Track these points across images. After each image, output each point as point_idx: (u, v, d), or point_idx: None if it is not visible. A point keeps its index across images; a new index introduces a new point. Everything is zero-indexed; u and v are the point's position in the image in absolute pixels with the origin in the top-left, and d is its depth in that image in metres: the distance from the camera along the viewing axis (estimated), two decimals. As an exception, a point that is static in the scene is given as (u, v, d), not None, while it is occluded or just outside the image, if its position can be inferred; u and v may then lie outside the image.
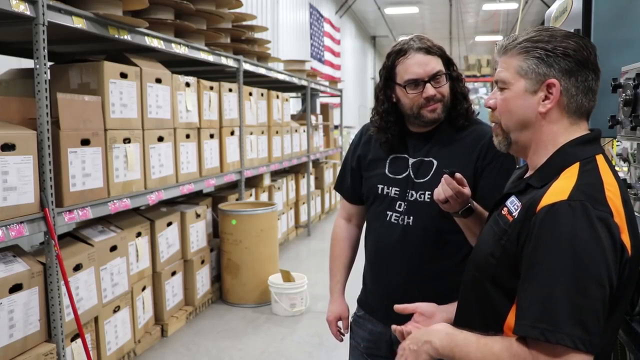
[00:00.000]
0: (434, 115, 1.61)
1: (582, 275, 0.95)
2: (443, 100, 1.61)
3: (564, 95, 1.09)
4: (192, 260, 4.06)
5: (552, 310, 0.94)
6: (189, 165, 3.85)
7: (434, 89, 1.58)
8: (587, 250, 0.95)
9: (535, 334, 0.95)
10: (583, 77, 1.08)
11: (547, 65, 1.08)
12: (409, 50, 1.59)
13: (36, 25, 2.37)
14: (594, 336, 0.94)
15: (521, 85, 1.11)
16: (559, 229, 0.97)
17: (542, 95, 1.10)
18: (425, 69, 1.57)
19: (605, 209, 0.99)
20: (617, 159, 2.99)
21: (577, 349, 0.93)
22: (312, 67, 10.06)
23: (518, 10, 10.14)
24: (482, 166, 1.58)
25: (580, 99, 1.09)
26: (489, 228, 1.19)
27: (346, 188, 1.86)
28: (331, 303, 1.88)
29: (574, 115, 1.11)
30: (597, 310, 0.95)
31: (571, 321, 0.93)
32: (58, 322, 2.52)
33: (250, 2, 7.79)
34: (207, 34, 4.08)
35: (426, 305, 1.37)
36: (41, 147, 2.43)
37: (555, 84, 1.08)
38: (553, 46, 1.08)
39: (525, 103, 1.11)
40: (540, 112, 1.10)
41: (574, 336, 0.93)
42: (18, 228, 2.29)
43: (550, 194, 1.02)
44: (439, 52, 1.61)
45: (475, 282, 1.18)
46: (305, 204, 7.07)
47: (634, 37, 2.01)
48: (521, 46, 1.11)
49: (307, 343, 3.67)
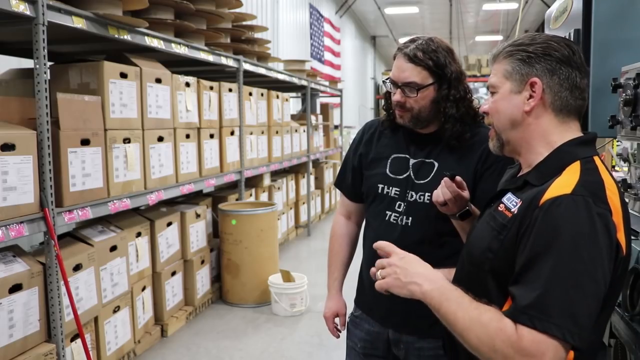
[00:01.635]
0: (402, 121, 1.62)
1: (578, 268, 0.96)
2: (412, 112, 1.58)
3: (548, 92, 1.12)
4: (192, 260, 4.06)
5: (545, 300, 0.96)
6: (189, 165, 3.85)
7: (403, 96, 1.57)
8: (586, 245, 0.97)
9: (524, 320, 0.96)
10: (565, 75, 1.12)
11: (528, 65, 1.13)
12: (398, 51, 1.59)
13: (36, 25, 2.37)
14: (583, 330, 0.96)
15: (507, 87, 1.16)
16: (560, 222, 0.99)
17: (526, 95, 1.14)
18: (399, 75, 1.56)
19: (605, 207, 1.01)
20: (617, 159, 2.99)
21: (565, 339, 0.94)
22: (312, 67, 10.06)
23: (518, 10, 10.14)
24: (482, 170, 1.58)
25: (565, 96, 1.12)
26: (484, 224, 1.20)
27: (346, 185, 1.86)
28: (328, 300, 1.88)
29: (561, 113, 1.13)
30: (590, 305, 0.97)
31: (563, 312, 0.95)
32: (58, 322, 2.52)
33: (250, 2, 7.79)
34: (207, 34, 4.08)
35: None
36: (41, 147, 2.42)
37: (537, 82, 1.12)
38: (534, 48, 1.13)
39: (512, 103, 1.16)
40: (526, 110, 1.14)
41: (563, 327, 0.94)
42: (18, 228, 2.29)
43: (553, 188, 1.04)
44: (425, 63, 1.53)
45: (470, 278, 1.18)
46: (305, 204, 7.07)
47: (634, 37, 2.01)
48: (506, 51, 1.17)
49: (307, 343, 3.67)
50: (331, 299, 1.87)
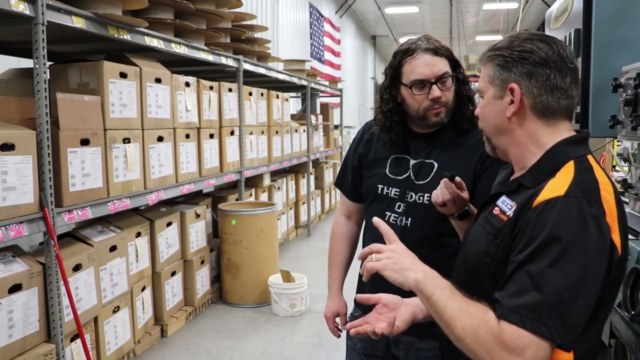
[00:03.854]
0: (438, 119, 1.60)
1: (571, 270, 0.96)
2: (447, 105, 1.60)
3: (527, 97, 1.11)
4: (191, 261, 4.06)
5: (536, 300, 0.95)
6: (189, 165, 3.85)
7: (440, 91, 1.57)
8: (579, 247, 0.96)
9: (514, 319, 0.96)
10: (544, 77, 1.10)
11: (506, 70, 1.12)
12: (417, 50, 1.57)
13: (36, 25, 2.37)
14: (572, 332, 0.95)
15: (491, 93, 1.16)
16: (553, 223, 0.98)
17: (508, 100, 1.13)
18: (432, 70, 1.56)
19: (599, 208, 1.00)
20: (618, 159, 2.99)
21: (552, 340, 0.94)
22: (312, 66, 10.06)
23: (518, 10, 10.14)
24: (482, 170, 1.58)
25: (546, 99, 1.10)
26: (479, 228, 1.19)
27: (347, 185, 1.86)
28: (329, 299, 1.87)
29: (545, 116, 1.12)
30: (580, 307, 0.96)
31: (553, 313, 0.94)
32: (57, 322, 2.52)
33: (250, 2, 7.79)
34: (207, 33, 4.08)
35: (390, 297, 1.34)
36: (40, 147, 2.42)
37: (515, 87, 1.11)
38: (510, 52, 1.12)
39: (495, 109, 1.15)
40: (507, 116, 1.13)
41: (552, 328, 0.94)
42: (17, 228, 2.29)
43: (547, 190, 1.03)
44: (446, 53, 1.60)
45: (466, 282, 1.18)
46: (305, 204, 7.07)
47: (634, 37, 2.01)
48: (487, 55, 1.17)
49: (307, 343, 3.67)
50: (332, 299, 1.87)
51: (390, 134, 1.67)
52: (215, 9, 4.12)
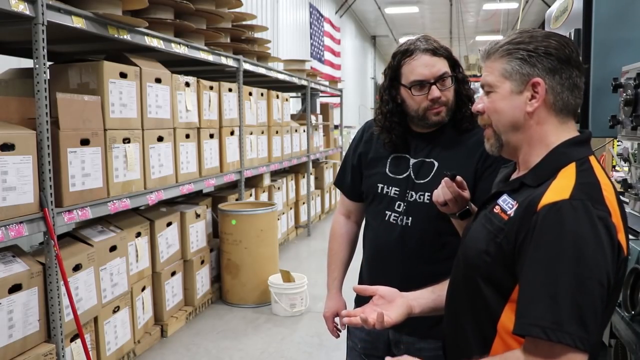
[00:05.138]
0: (438, 118, 1.60)
1: (584, 273, 0.95)
2: (447, 104, 1.60)
3: (550, 93, 1.10)
4: (191, 261, 4.06)
5: (555, 309, 0.94)
6: (189, 165, 3.85)
7: (440, 91, 1.57)
8: (589, 249, 0.96)
9: (537, 332, 0.95)
10: (567, 74, 1.10)
11: (530, 65, 1.10)
12: (416, 50, 1.58)
13: (36, 25, 2.37)
14: (592, 335, 0.95)
15: (507, 87, 1.13)
16: (562, 228, 0.98)
17: (528, 95, 1.11)
18: (432, 71, 1.56)
19: (604, 209, 1.00)
20: (618, 159, 2.99)
21: (576, 347, 0.93)
22: (312, 66, 10.06)
23: (518, 10, 10.14)
24: (482, 169, 1.58)
25: (567, 96, 1.11)
26: (479, 226, 1.19)
27: (346, 184, 1.86)
28: (328, 299, 1.87)
29: (562, 114, 1.12)
30: (597, 309, 0.96)
31: (573, 320, 0.93)
32: (57, 322, 2.52)
33: (250, 2, 7.79)
34: (206, 33, 4.08)
35: (387, 289, 1.35)
36: (40, 147, 2.42)
37: (540, 82, 1.09)
38: (534, 46, 1.10)
39: (513, 104, 1.13)
40: (528, 111, 1.11)
41: (575, 335, 0.93)
42: (17, 228, 2.29)
43: (551, 193, 1.03)
44: (445, 53, 1.60)
45: (466, 281, 1.18)
46: (305, 204, 7.07)
47: (634, 37, 2.01)
48: (503, 49, 1.13)
49: (307, 343, 3.67)
50: (331, 299, 1.87)
51: (390, 135, 1.67)
52: (215, 9, 4.12)
